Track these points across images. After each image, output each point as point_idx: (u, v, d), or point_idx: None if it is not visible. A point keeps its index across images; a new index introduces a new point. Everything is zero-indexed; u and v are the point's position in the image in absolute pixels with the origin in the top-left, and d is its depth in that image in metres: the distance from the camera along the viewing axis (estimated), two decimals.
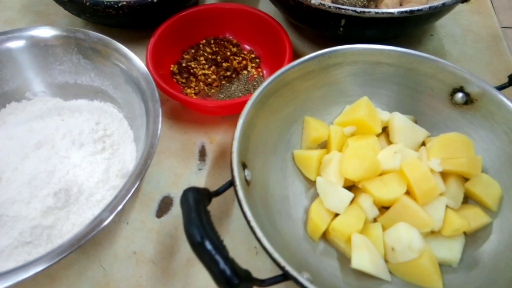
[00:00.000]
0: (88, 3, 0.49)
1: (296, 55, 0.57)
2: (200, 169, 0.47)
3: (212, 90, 0.53)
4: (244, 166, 0.37)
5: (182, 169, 0.46)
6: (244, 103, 0.46)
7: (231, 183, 0.33)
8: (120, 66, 0.44)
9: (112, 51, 0.44)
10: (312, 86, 0.46)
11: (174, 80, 0.54)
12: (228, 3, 0.56)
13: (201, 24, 0.56)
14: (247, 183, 0.36)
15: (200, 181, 0.46)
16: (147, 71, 0.41)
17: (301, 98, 0.46)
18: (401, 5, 0.60)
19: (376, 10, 0.45)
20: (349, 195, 0.38)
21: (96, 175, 0.41)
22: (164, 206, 0.44)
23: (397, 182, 0.39)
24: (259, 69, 0.56)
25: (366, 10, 0.44)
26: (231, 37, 0.58)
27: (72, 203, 0.39)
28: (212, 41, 0.57)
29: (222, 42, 0.57)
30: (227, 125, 0.51)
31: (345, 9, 0.45)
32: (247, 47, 0.58)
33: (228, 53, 0.56)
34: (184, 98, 0.47)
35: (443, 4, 0.45)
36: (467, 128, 0.45)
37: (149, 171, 0.40)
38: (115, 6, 0.50)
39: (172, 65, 0.55)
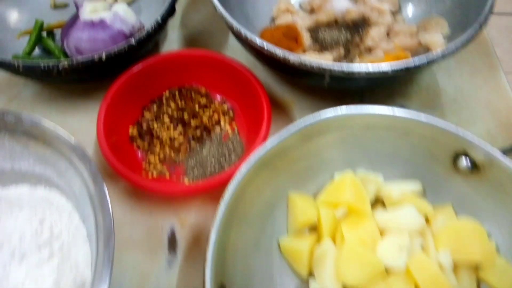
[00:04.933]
0: (20, 68, 0.41)
1: (274, 102, 0.50)
2: (170, 263, 0.40)
3: (180, 157, 0.46)
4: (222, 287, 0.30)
5: (149, 265, 0.39)
6: (218, 184, 0.39)
7: None
8: (63, 155, 0.36)
9: (51, 138, 0.36)
10: (295, 160, 0.39)
11: (135, 145, 0.46)
12: (192, 49, 0.49)
13: (163, 74, 0.48)
14: None
15: (171, 280, 0.39)
16: (95, 167, 0.33)
17: (282, 175, 0.39)
18: (388, 35, 0.54)
19: (367, 69, 0.38)
20: None
21: None
22: None
23: (404, 286, 0.33)
24: (233, 122, 0.49)
25: (355, 70, 0.38)
26: (198, 86, 0.50)
27: None
28: (177, 93, 0.49)
29: (188, 93, 0.50)
30: (200, 200, 0.43)
31: (330, 69, 0.38)
32: (218, 96, 0.50)
33: (197, 106, 0.49)
34: (140, 183, 0.40)
35: (442, 54, 0.39)
36: (474, 198, 0.39)
37: None
38: (54, 68, 0.41)
39: (131, 127, 0.47)
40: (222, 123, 0.48)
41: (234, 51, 0.55)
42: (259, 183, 0.37)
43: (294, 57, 0.38)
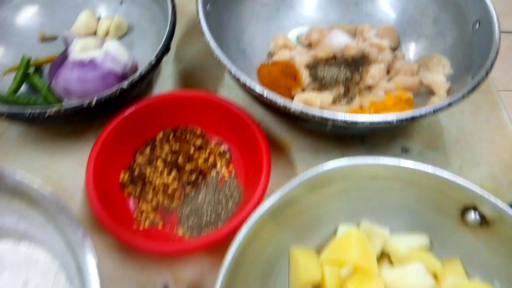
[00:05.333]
0: (4, 116, 0.38)
1: (271, 141, 0.49)
2: None
3: (174, 204, 0.43)
4: None
5: None
6: (216, 242, 0.37)
7: None
8: (49, 215, 0.33)
9: (36, 198, 0.33)
10: (297, 212, 0.37)
11: (126, 193, 0.44)
12: (186, 90, 0.47)
13: (156, 115, 0.46)
14: None
15: None
16: (84, 233, 0.31)
17: (284, 229, 0.37)
18: (388, 72, 0.52)
19: (371, 119, 0.36)
20: None
21: None
22: None
23: None
24: (231, 165, 0.47)
25: (359, 120, 0.36)
26: (194, 127, 0.48)
27: None
28: (171, 134, 0.47)
29: (183, 134, 0.47)
30: (197, 254, 0.41)
31: (332, 119, 0.36)
32: (214, 137, 0.48)
33: (192, 149, 0.46)
34: (132, 243, 0.37)
35: (449, 103, 0.38)
36: (483, 252, 0.37)
37: None
38: (40, 115, 0.39)
39: (122, 172, 0.45)
40: (218, 166, 0.46)
41: (230, 88, 0.53)
42: (260, 241, 0.34)
43: (295, 106, 0.37)
